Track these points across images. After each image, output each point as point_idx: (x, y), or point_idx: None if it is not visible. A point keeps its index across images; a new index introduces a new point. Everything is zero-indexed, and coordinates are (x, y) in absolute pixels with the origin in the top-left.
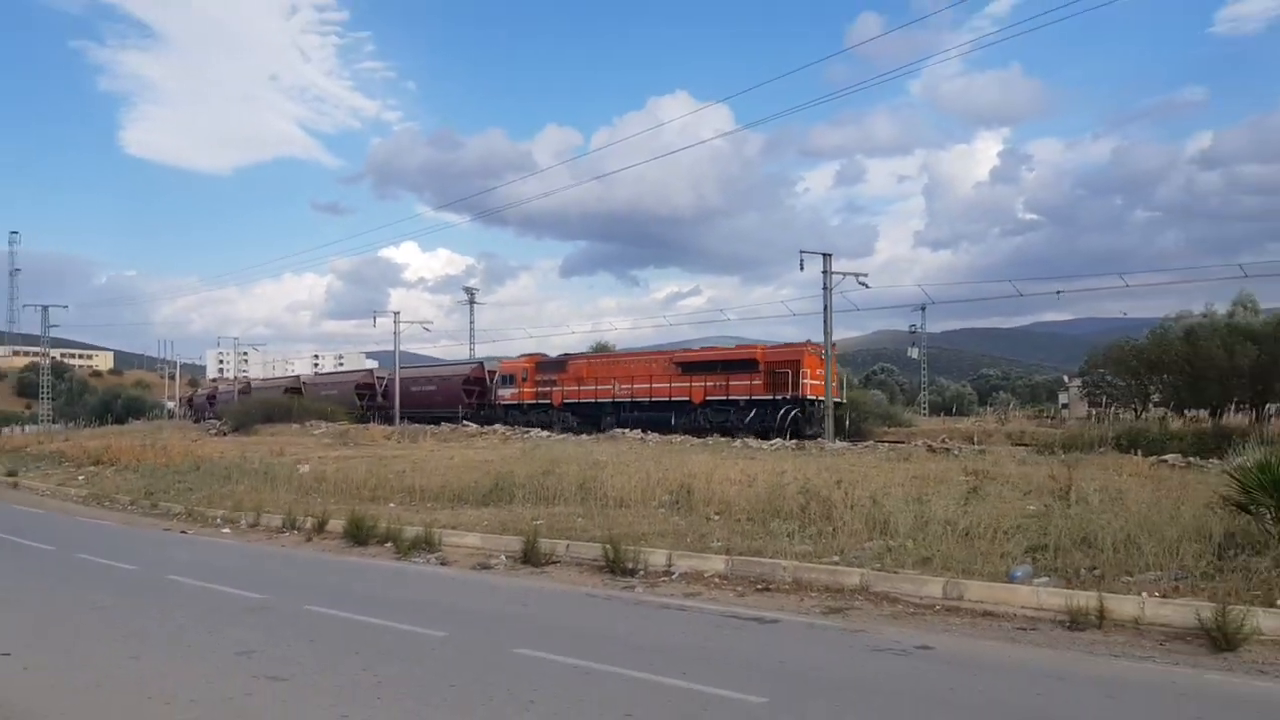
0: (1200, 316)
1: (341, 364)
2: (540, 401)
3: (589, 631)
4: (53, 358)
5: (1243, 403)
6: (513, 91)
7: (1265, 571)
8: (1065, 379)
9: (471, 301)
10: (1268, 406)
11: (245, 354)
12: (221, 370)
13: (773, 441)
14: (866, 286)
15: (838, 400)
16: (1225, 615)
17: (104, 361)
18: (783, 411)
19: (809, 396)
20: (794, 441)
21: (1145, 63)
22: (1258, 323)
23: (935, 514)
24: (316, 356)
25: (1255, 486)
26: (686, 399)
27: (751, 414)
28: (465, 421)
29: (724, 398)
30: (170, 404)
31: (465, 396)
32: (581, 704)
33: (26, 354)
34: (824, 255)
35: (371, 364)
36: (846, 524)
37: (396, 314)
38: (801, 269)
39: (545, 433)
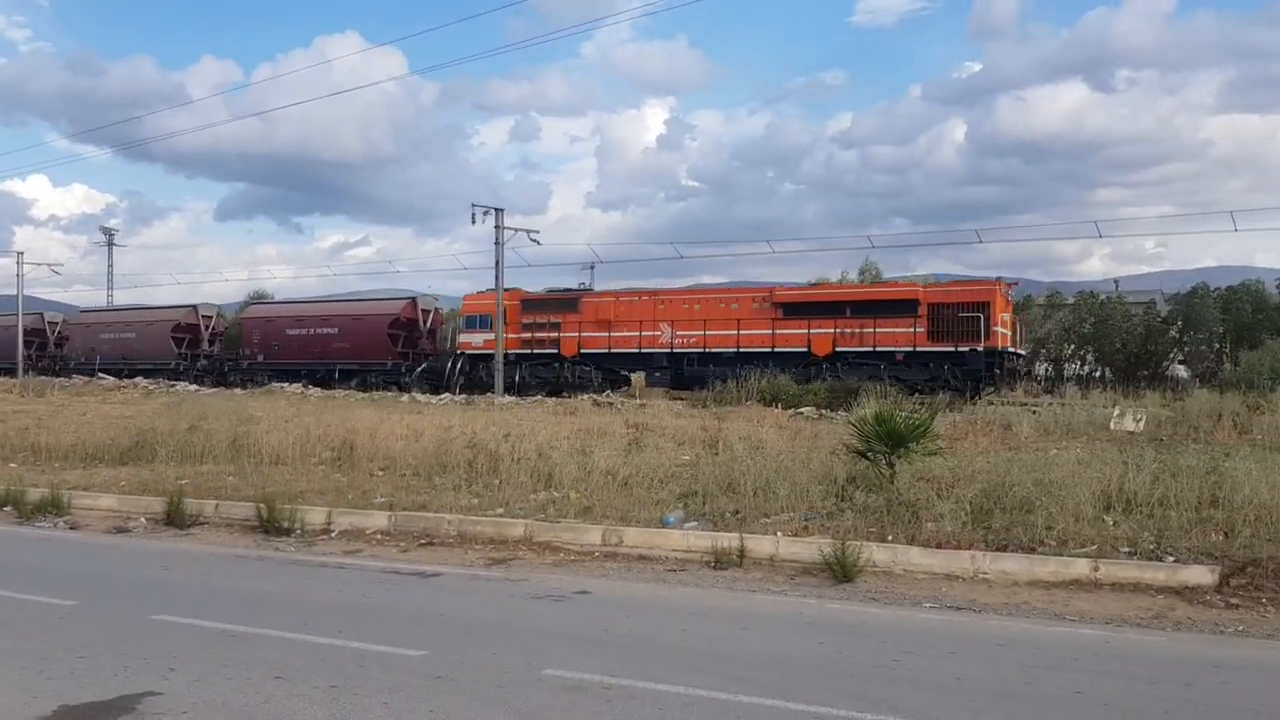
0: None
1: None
2: (535, 351)
3: (238, 594)
4: None
5: None
6: (164, 17)
7: (879, 510)
8: None
9: (110, 244)
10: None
11: None
12: None
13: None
14: (538, 244)
15: (1020, 352)
16: (844, 551)
17: None
18: (970, 368)
19: (1004, 348)
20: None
21: (795, 44)
22: None
23: (598, 465)
24: None
25: (872, 435)
26: (800, 350)
27: (912, 370)
28: (408, 389)
29: (867, 349)
30: None
31: (393, 345)
32: (227, 668)
33: None
34: (497, 210)
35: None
36: (513, 477)
37: (20, 255)
38: (474, 223)
39: (585, 397)
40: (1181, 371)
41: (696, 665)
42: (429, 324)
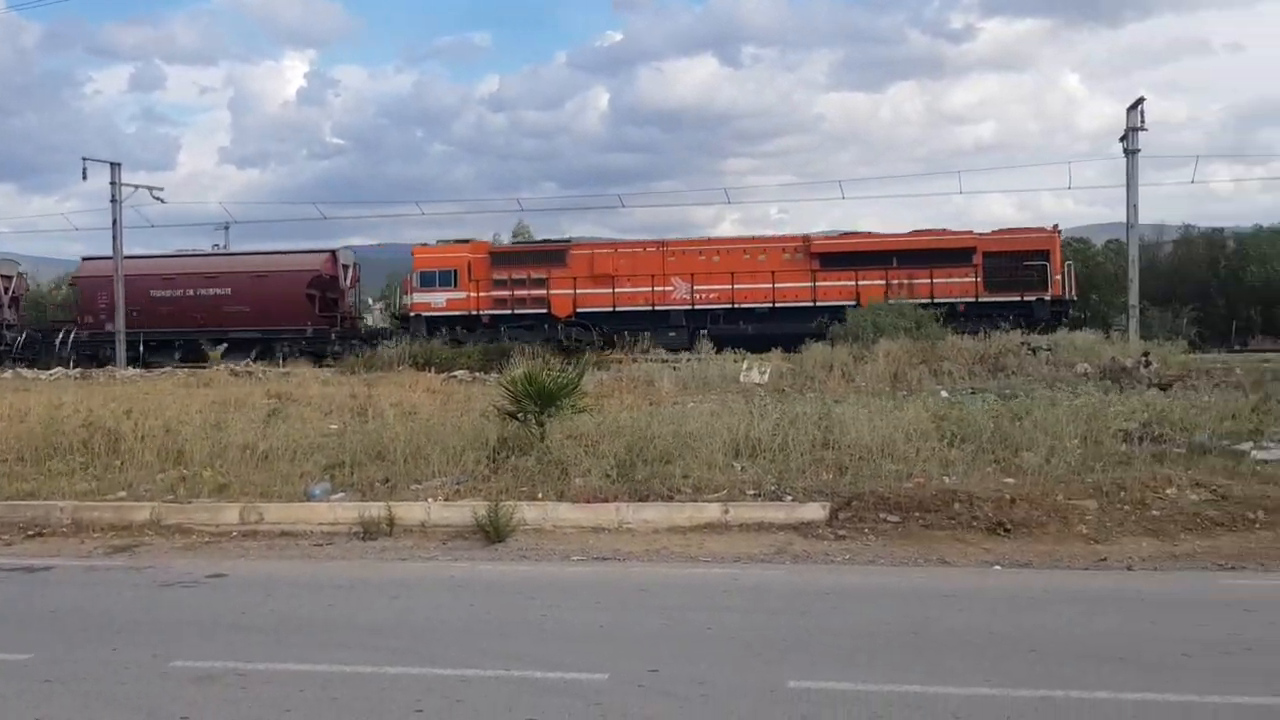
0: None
1: None
2: (517, 312)
3: None
4: None
5: None
6: None
7: (530, 469)
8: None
9: None
10: None
11: None
12: None
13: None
14: (162, 201)
15: (1071, 299)
16: (497, 511)
17: None
18: (1037, 319)
19: (1066, 296)
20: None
21: (439, 2)
22: None
23: (234, 439)
24: None
25: (523, 395)
26: (847, 303)
27: (973, 322)
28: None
29: (924, 301)
30: None
31: (313, 307)
32: None
33: None
34: (112, 165)
35: None
36: (137, 456)
37: None
38: (85, 178)
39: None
40: None
41: (343, 640)
42: (348, 281)
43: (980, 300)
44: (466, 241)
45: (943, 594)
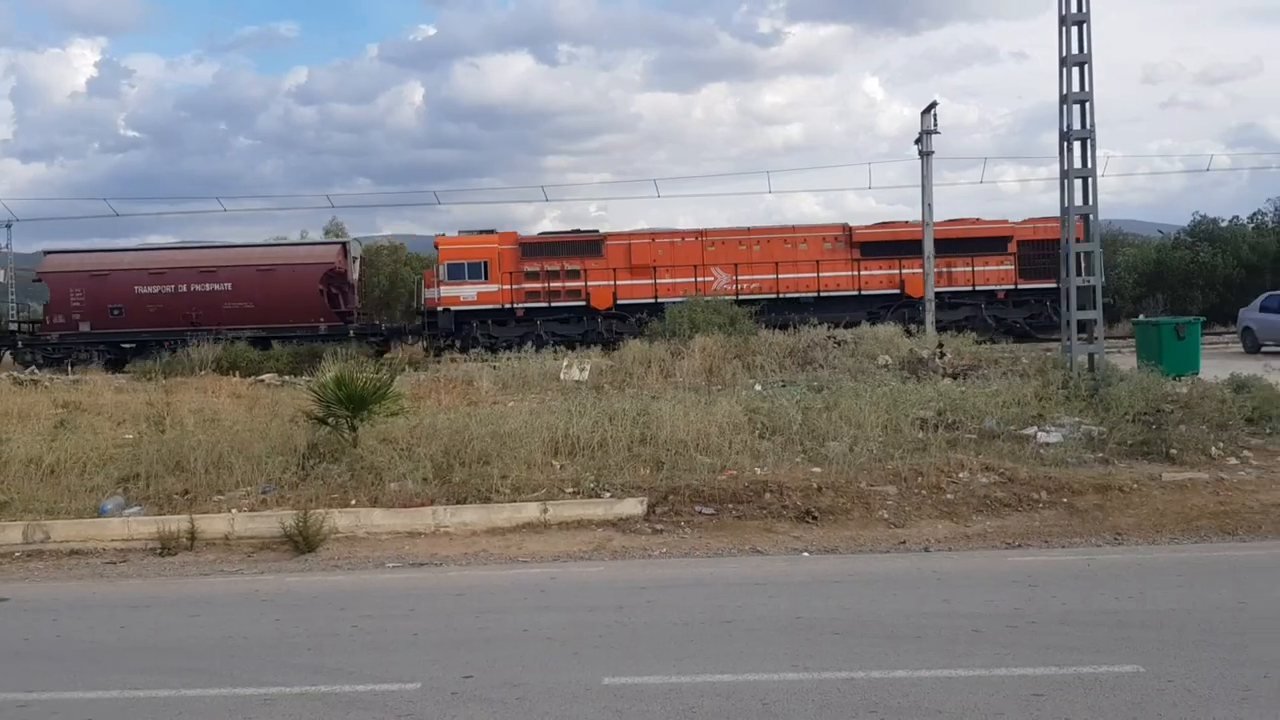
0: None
1: None
2: (554, 305)
3: None
4: None
5: None
6: None
7: (342, 476)
8: None
9: None
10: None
11: None
12: None
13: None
14: None
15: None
16: (306, 520)
17: None
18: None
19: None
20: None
21: None
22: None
23: (16, 453)
24: None
25: (333, 400)
26: (890, 292)
27: (1012, 309)
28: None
29: (966, 288)
30: None
31: (328, 303)
32: None
33: None
34: None
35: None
36: None
37: None
38: None
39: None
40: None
41: (137, 664)
42: (357, 274)
43: (1019, 287)
44: (491, 232)
45: (755, 583)
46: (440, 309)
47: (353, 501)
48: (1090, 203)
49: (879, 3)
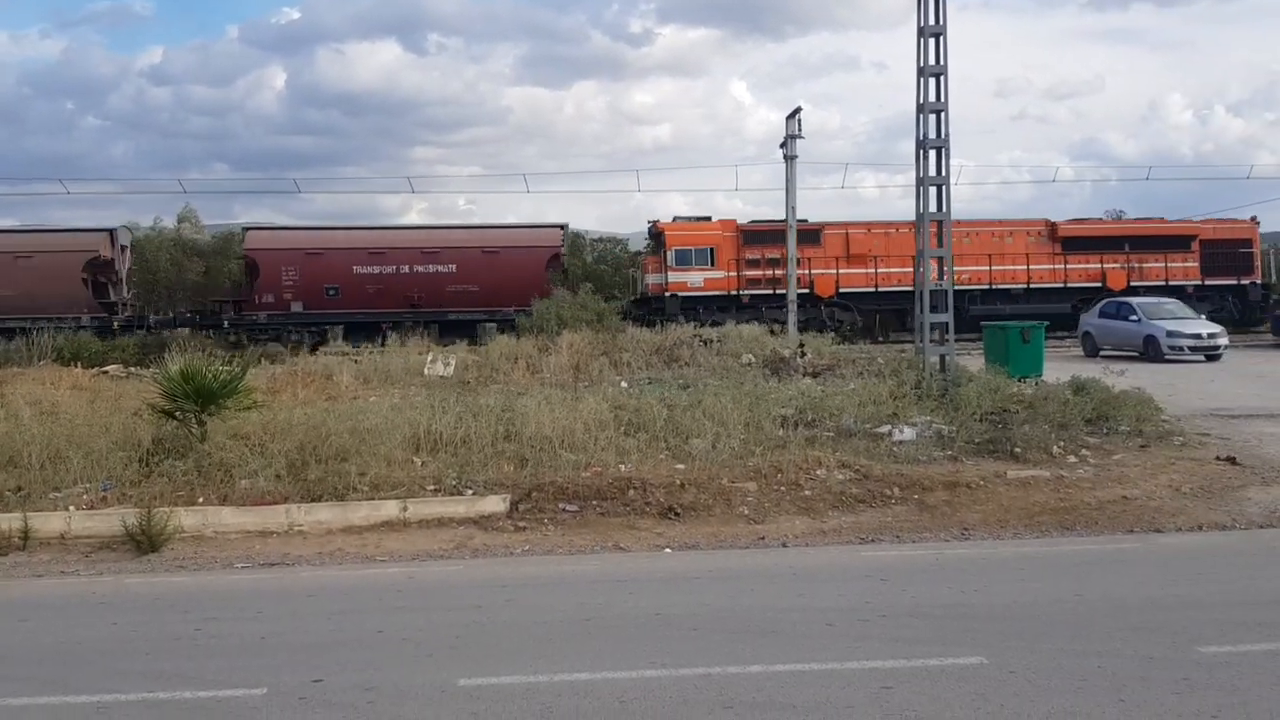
0: (149, 230)
1: None
2: (776, 292)
3: None
4: None
5: None
6: None
7: (189, 473)
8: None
9: None
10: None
11: None
12: None
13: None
14: None
15: (1269, 283)
16: (149, 519)
17: None
18: (1251, 299)
19: (1268, 281)
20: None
21: None
22: (204, 239)
23: None
24: None
25: (180, 394)
26: (1093, 285)
27: (1197, 304)
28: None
29: (1159, 284)
30: None
31: (545, 287)
32: None
33: None
34: None
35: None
36: None
37: None
38: None
39: None
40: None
41: None
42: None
43: (1205, 284)
44: (708, 219)
45: (616, 580)
46: (668, 294)
47: (200, 500)
48: (944, 209)
49: (748, 8)
